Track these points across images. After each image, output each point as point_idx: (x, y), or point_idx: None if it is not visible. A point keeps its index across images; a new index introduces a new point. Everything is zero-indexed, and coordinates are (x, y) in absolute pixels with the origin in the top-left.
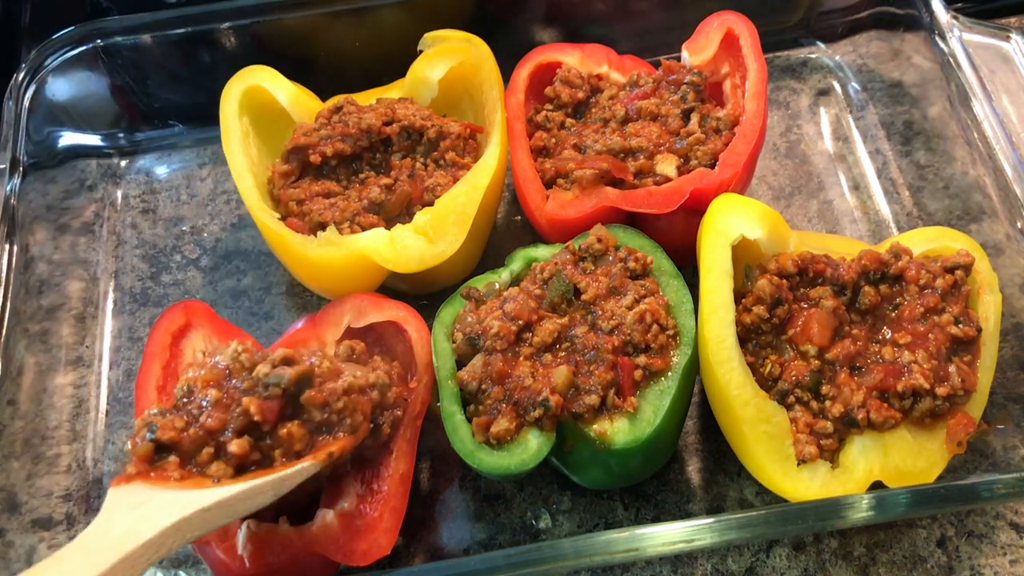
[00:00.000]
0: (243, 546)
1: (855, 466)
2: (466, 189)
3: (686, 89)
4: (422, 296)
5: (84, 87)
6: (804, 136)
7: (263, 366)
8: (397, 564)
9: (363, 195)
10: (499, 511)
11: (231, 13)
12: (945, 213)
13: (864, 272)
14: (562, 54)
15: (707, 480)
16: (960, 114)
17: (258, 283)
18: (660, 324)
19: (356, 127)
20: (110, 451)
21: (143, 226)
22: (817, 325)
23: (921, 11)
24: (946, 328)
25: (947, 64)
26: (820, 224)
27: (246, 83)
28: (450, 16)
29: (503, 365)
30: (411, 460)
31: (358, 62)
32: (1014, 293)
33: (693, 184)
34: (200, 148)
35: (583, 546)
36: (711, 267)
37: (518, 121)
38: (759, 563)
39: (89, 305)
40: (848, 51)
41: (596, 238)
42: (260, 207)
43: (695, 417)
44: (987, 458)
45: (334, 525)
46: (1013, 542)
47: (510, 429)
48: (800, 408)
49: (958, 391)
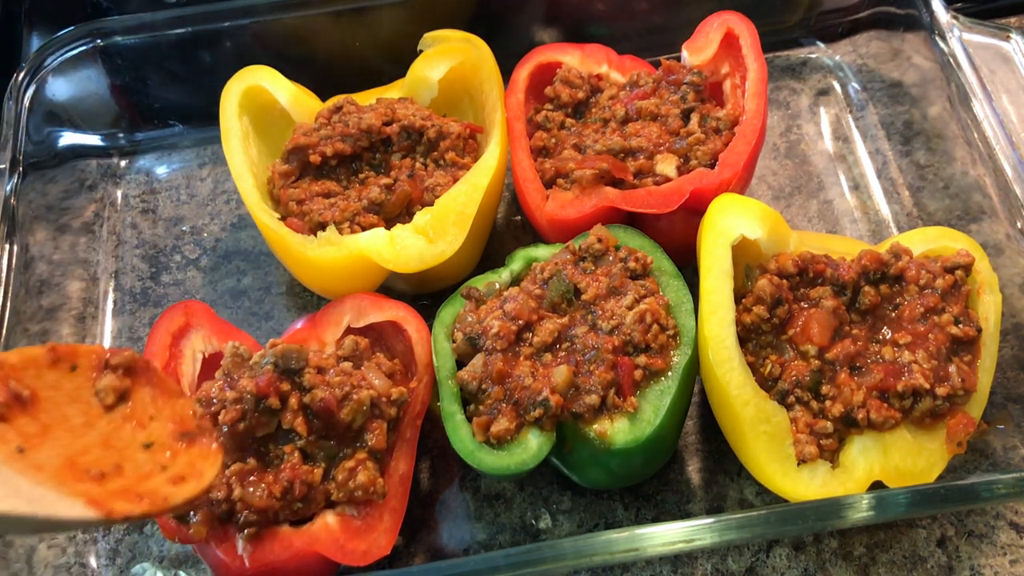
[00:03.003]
0: (243, 546)
1: (855, 466)
2: (466, 189)
3: (686, 89)
4: (422, 296)
5: (84, 87)
6: (804, 136)
7: (256, 356)
8: (397, 564)
9: (363, 195)
10: (499, 511)
11: (231, 13)
12: (945, 213)
13: (864, 272)
14: (562, 54)
15: (707, 480)
16: (960, 114)
17: (258, 283)
18: (660, 324)
19: (356, 127)
20: None
21: (143, 226)
22: (817, 325)
23: (921, 11)
24: (946, 328)
25: (947, 64)
26: (820, 224)
27: (246, 83)
28: (450, 16)
29: (503, 365)
30: (411, 460)
31: (358, 62)
32: (1014, 293)
33: (693, 184)
34: (200, 148)
35: (583, 546)
36: (711, 267)
37: (518, 121)
38: (759, 563)
39: (89, 305)
40: (848, 51)
41: (596, 238)
42: (260, 207)
43: (695, 417)
44: (987, 458)
45: (334, 525)
46: (1013, 542)
47: (510, 429)
48: (800, 408)
49: (958, 391)
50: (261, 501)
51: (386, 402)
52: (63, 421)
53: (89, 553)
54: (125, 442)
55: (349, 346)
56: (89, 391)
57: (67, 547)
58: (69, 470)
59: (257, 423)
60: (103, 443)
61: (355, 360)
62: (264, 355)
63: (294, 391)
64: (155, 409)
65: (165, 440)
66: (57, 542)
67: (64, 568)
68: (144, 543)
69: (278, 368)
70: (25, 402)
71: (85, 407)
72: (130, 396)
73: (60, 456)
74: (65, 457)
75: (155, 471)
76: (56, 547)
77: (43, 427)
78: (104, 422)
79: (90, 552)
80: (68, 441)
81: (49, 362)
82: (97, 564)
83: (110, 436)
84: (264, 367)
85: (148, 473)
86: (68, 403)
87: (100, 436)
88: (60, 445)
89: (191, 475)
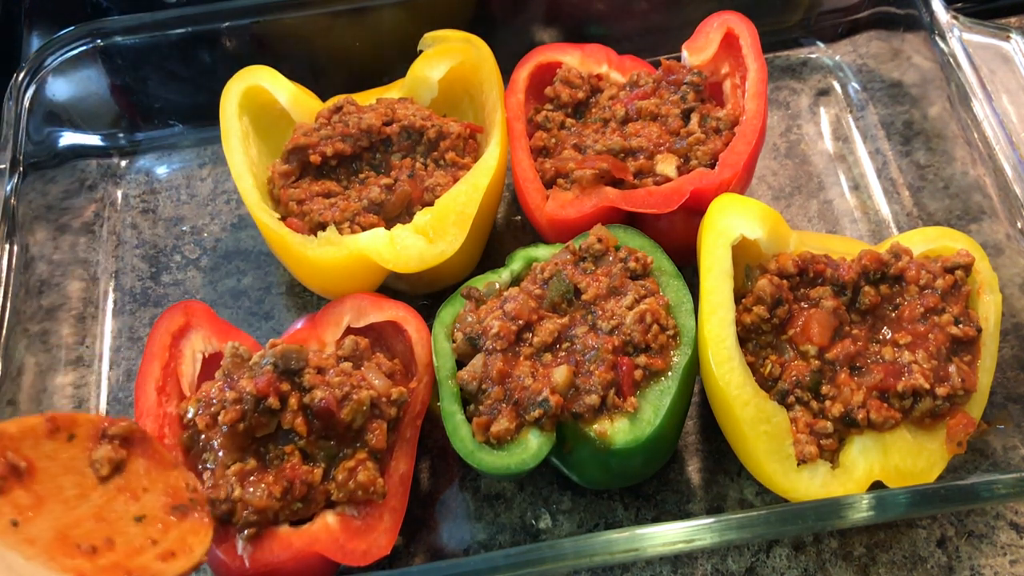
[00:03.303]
0: (243, 546)
1: (855, 466)
2: (466, 189)
3: (686, 89)
4: (422, 296)
5: (84, 87)
6: (804, 136)
7: (256, 356)
8: (397, 564)
9: (363, 195)
10: (499, 511)
11: (231, 13)
12: (945, 213)
13: (864, 272)
14: (562, 54)
15: (707, 480)
16: (960, 114)
17: (258, 283)
18: (660, 324)
19: (356, 127)
20: None
21: (143, 226)
22: (817, 325)
23: (921, 11)
24: (946, 328)
25: (947, 64)
26: (820, 224)
27: (246, 83)
28: (450, 16)
29: (503, 365)
30: (411, 460)
31: (358, 62)
32: (1014, 293)
33: (693, 184)
34: (200, 148)
35: (583, 546)
36: (711, 267)
37: (518, 121)
38: (759, 563)
39: (89, 305)
40: (848, 51)
41: (596, 238)
42: (260, 207)
43: (695, 417)
44: (987, 458)
45: (334, 525)
46: (1013, 542)
47: (510, 429)
48: (800, 408)
49: (958, 391)
50: (261, 501)
51: (386, 402)
52: (57, 492)
53: None
54: (118, 514)
55: (349, 346)
56: (85, 461)
57: None
58: (61, 544)
59: (257, 423)
60: (96, 515)
61: (355, 360)
62: (264, 355)
63: (294, 391)
64: (149, 481)
65: (157, 513)
66: None
67: None
68: None
69: (278, 368)
70: (22, 473)
71: (80, 478)
72: (125, 467)
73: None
74: (57, 530)
75: (146, 546)
76: None
77: (38, 499)
78: (98, 494)
79: None
80: (61, 513)
81: (47, 432)
82: None
83: (103, 508)
84: (264, 367)
85: (139, 548)
86: (63, 473)
87: (93, 508)
88: (53, 517)
89: (181, 551)
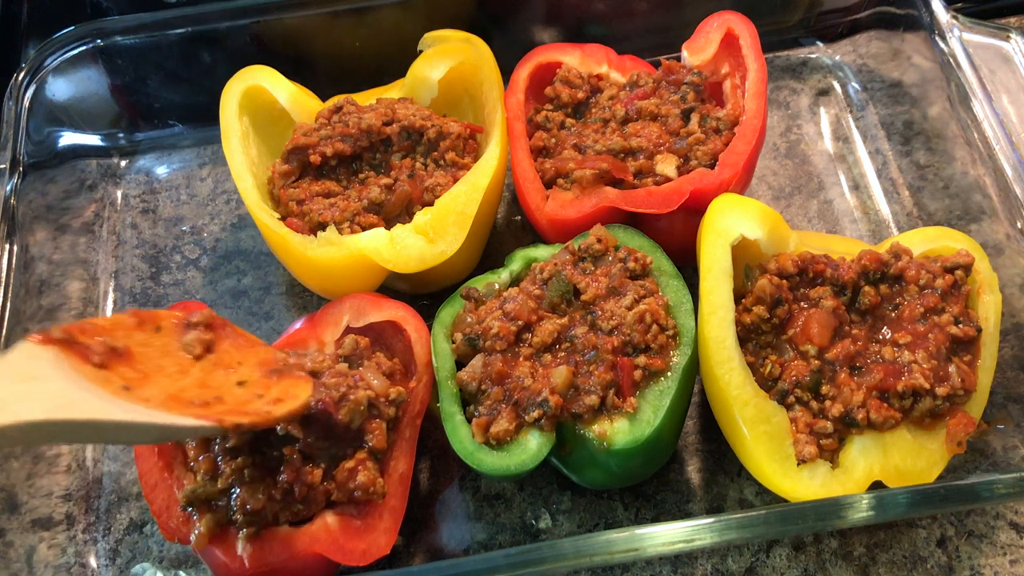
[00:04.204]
0: (243, 547)
1: (855, 466)
2: (466, 189)
3: (686, 89)
4: (422, 296)
5: (84, 87)
6: (804, 136)
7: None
8: (397, 564)
9: (363, 195)
10: (499, 511)
11: (231, 13)
12: (945, 213)
13: (864, 272)
14: (562, 54)
15: (707, 480)
16: (960, 114)
17: (258, 283)
18: (660, 324)
19: (356, 127)
20: (110, 451)
21: (143, 226)
22: (817, 325)
23: (921, 11)
24: (946, 328)
25: (947, 64)
26: (820, 224)
27: (246, 83)
28: (450, 16)
29: (503, 365)
30: (411, 460)
31: (358, 62)
32: (1014, 293)
33: (693, 184)
34: (200, 148)
35: (583, 546)
36: (711, 267)
37: (518, 121)
38: (759, 563)
39: (89, 305)
40: (848, 51)
41: (596, 238)
42: (260, 207)
43: (695, 417)
44: (987, 458)
45: (334, 525)
46: (1013, 542)
47: (510, 430)
48: (800, 408)
49: (958, 391)
50: (261, 502)
51: (384, 402)
52: (159, 370)
53: (89, 553)
54: (220, 382)
55: (349, 346)
56: (176, 347)
57: (67, 547)
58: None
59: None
60: (200, 384)
61: (355, 360)
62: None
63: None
64: (241, 356)
65: (257, 378)
66: (57, 542)
67: (64, 568)
68: (144, 543)
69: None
70: (121, 354)
71: (176, 359)
72: (215, 347)
73: (163, 392)
74: (168, 394)
75: (253, 399)
76: (56, 547)
77: (142, 374)
78: (197, 368)
79: (90, 552)
80: (167, 383)
81: (135, 324)
82: (97, 564)
83: (205, 379)
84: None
85: (247, 399)
86: (160, 356)
87: (196, 380)
88: (161, 387)
89: (287, 398)
